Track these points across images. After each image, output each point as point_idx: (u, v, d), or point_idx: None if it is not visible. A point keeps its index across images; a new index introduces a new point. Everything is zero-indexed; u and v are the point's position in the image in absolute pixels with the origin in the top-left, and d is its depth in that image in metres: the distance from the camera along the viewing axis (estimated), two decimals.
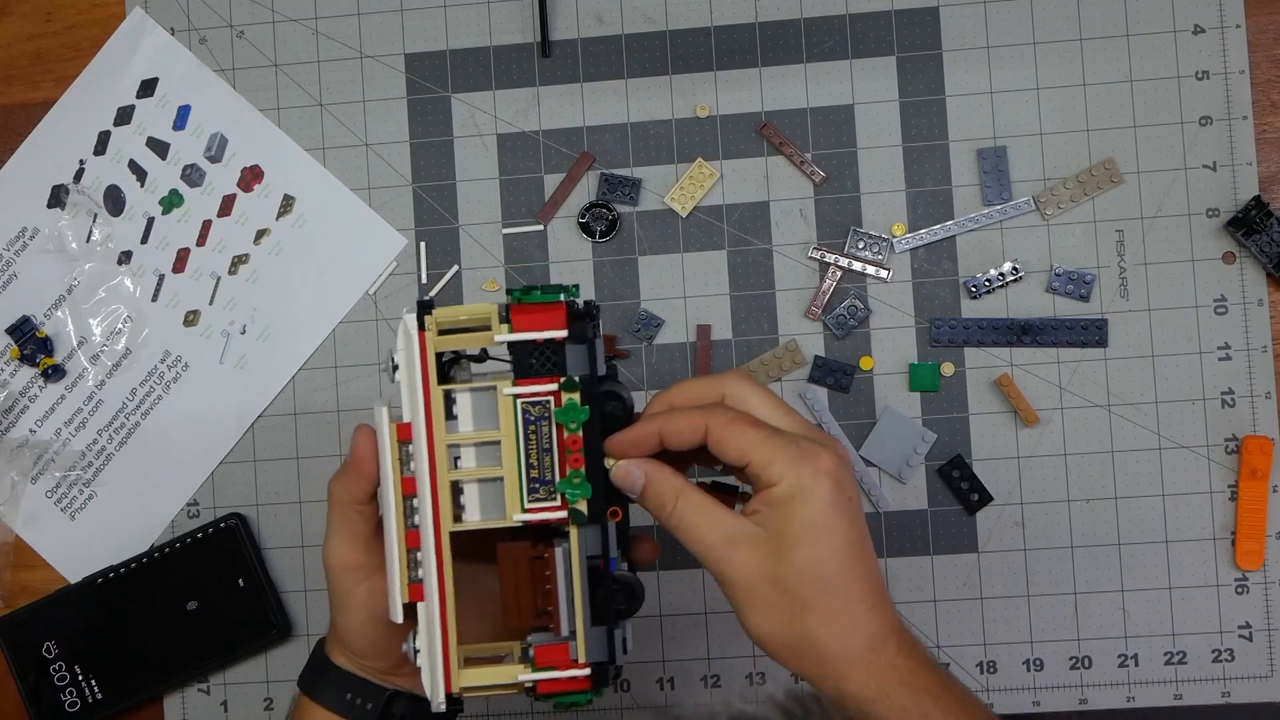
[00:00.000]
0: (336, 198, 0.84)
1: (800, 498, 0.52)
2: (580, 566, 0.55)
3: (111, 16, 0.86)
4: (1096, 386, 0.79)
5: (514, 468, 0.55)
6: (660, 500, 0.55)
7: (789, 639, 0.53)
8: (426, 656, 0.55)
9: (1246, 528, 0.78)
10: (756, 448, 0.53)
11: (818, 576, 0.52)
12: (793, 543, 0.52)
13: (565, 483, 0.55)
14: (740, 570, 0.53)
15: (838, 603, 0.53)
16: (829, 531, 0.52)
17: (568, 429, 0.55)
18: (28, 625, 0.83)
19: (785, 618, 0.53)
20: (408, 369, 0.55)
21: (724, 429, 0.53)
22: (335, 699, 0.61)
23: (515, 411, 0.55)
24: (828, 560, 0.52)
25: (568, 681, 0.55)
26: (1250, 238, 0.78)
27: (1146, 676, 0.79)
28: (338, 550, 0.59)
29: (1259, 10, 0.80)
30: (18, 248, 0.86)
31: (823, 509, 0.52)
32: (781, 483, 0.52)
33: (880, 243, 0.80)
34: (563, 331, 0.55)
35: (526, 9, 0.83)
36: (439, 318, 0.55)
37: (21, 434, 0.85)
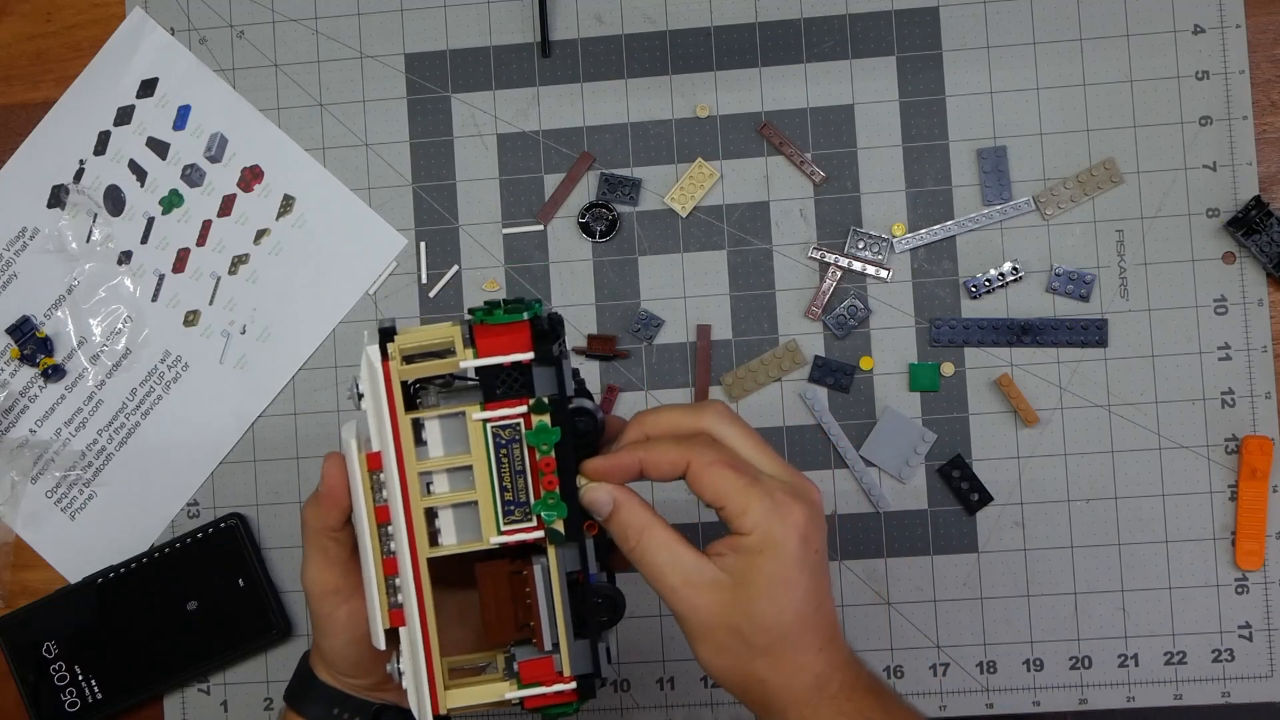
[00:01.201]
0: (336, 198, 0.84)
1: (768, 552, 0.53)
2: (560, 582, 0.55)
3: (111, 16, 0.86)
4: (1096, 386, 0.79)
5: (488, 491, 0.55)
6: (624, 532, 0.55)
7: (737, 678, 0.55)
8: (411, 679, 0.55)
9: (1246, 528, 0.78)
10: (734, 494, 0.53)
11: (772, 627, 0.54)
12: (755, 595, 0.53)
13: (541, 504, 0.55)
14: (699, 613, 0.54)
15: (787, 650, 0.54)
16: (790, 586, 0.54)
17: (540, 451, 0.54)
18: (28, 625, 0.83)
19: (735, 659, 0.54)
20: (374, 399, 0.55)
21: (704, 470, 0.54)
22: (321, 713, 0.61)
23: (485, 436, 0.54)
24: (784, 613, 0.54)
25: (554, 695, 0.55)
26: (1250, 238, 0.78)
27: (1146, 676, 0.79)
28: (315, 574, 0.59)
29: (1259, 10, 0.80)
30: (18, 248, 0.86)
31: (788, 564, 0.53)
32: (753, 534, 0.53)
33: (880, 243, 0.80)
34: (529, 354, 0.54)
35: (526, 9, 0.83)
36: (402, 344, 0.55)
37: (21, 434, 0.85)
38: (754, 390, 0.81)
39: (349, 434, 0.56)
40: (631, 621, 0.81)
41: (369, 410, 0.55)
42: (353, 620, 0.59)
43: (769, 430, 0.81)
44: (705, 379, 0.81)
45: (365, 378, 0.55)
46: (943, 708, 0.80)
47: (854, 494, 0.80)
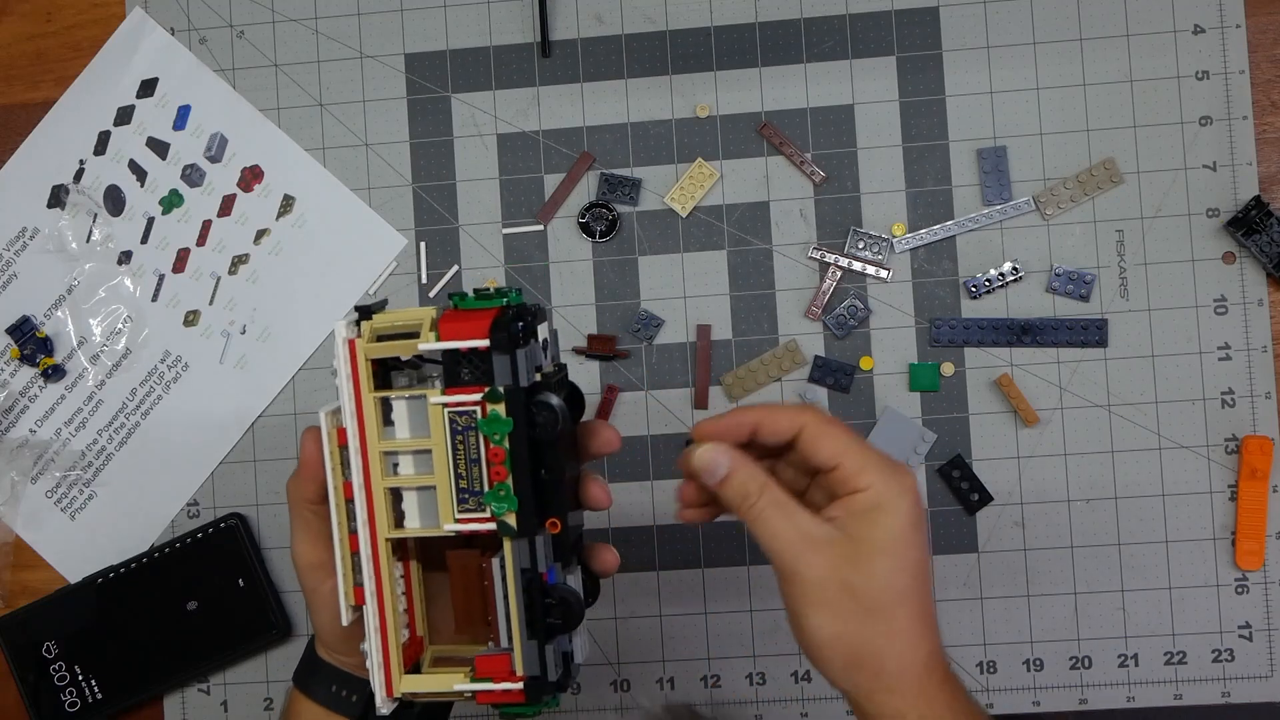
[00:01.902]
0: (336, 198, 0.84)
1: (886, 508, 0.53)
2: (515, 579, 0.54)
3: (111, 16, 0.86)
4: (1096, 386, 0.79)
5: (445, 477, 0.54)
6: (745, 491, 0.54)
7: (849, 645, 0.53)
8: (372, 663, 0.55)
9: (1246, 528, 0.78)
10: (852, 452, 0.53)
11: (891, 587, 0.52)
12: (873, 550, 0.52)
13: (491, 494, 0.53)
14: (814, 570, 0.52)
15: (904, 617, 0.53)
16: (909, 546, 0.53)
17: (492, 441, 0.53)
18: (28, 625, 0.83)
19: (849, 624, 0.52)
20: (343, 378, 0.54)
21: (820, 427, 0.54)
22: (323, 692, 0.62)
23: (444, 421, 0.54)
24: (901, 573, 0.53)
25: (503, 694, 0.54)
26: (1250, 238, 0.77)
27: (1146, 676, 0.79)
28: (300, 548, 0.59)
29: (1259, 10, 0.80)
30: (18, 248, 0.86)
31: (906, 523, 0.53)
32: (869, 490, 0.53)
33: (880, 243, 0.80)
34: (484, 341, 0.52)
35: (526, 9, 0.83)
36: (377, 323, 0.55)
37: (21, 434, 0.85)
38: (754, 390, 0.81)
39: (325, 410, 0.56)
40: (632, 621, 0.81)
41: (339, 386, 0.55)
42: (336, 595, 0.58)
43: None
44: (705, 379, 0.81)
45: (336, 354, 0.55)
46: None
47: None
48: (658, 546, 0.81)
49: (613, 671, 0.82)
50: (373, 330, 0.55)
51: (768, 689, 0.81)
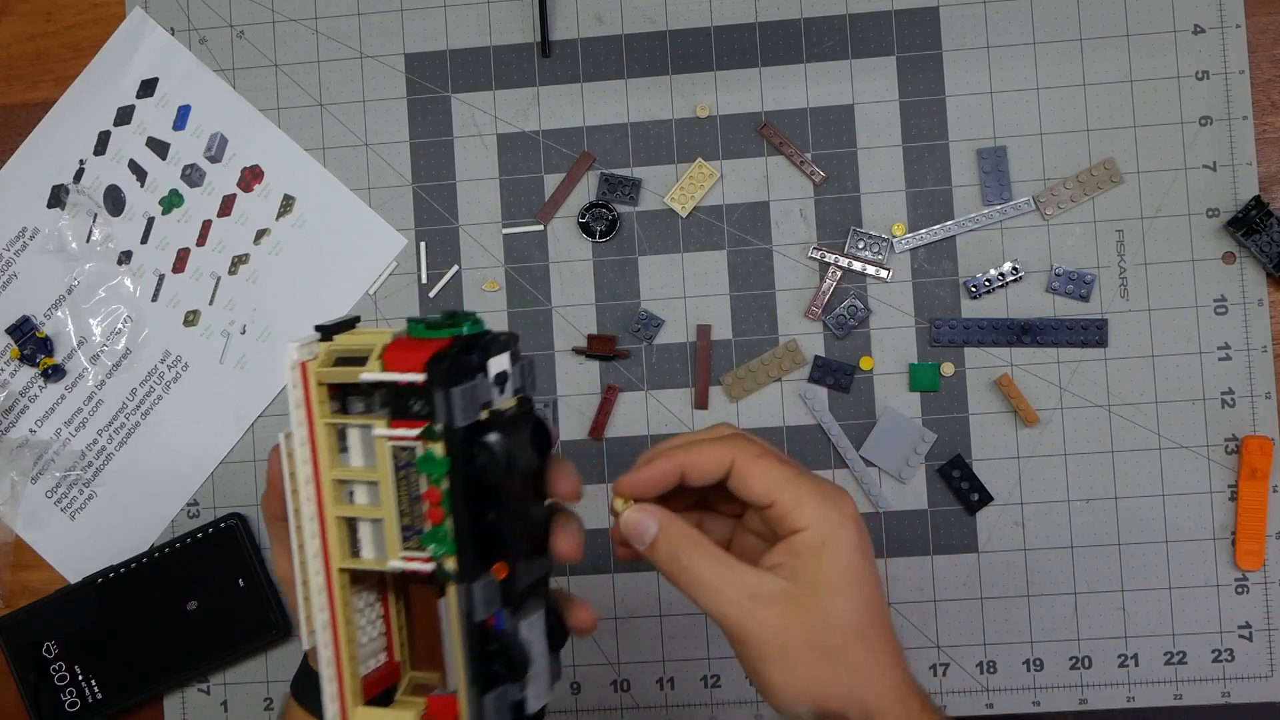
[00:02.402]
0: (336, 198, 0.84)
1: (830, 544, 0.50)
2: (459, 624, 0.50)
3: (111, 16, 0.86)
4: (1096, 386, 0.79)
5: (391, 512, 0.51)
6: (674, 553, 0.51)
7: (817, 695, 0.51)
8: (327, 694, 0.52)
9: (1246, 528, 0.78)
10: (787, 486, 0.51)
11: (852, 625, 0.51)
12: (827, 593, 0.50)
13: (429, 535, 0.50)
14: (766, 628, 0.50)
15: (867, 652, 0.51)
16: (861, 580, 0.51)
17: (430, 480, 0.49)
18: (28, 625, 0.83)
19: (814, 673, 0.50)
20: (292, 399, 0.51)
21: (752, 463, 0.51)
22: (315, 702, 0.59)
23: (389, 454, 0.50)
24: (858, 608, 0.51)
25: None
26: (1250, 238, 0.78)
27: (1146, 676, 0.79)
28: (280, 563, 0.58)
29: (1259, 10, 0.80)
30: (18, 248, 0.86)
31: (853, 557, 0.51)
32: (810, 529, 0.50)
33: (880, 243, 0.80)
34: (419, 375, 0.48)
35: (526, 9, 0.83)
36: (337, 345, 0.51)
37: (21, 434, 0.85)
38: (754, 390, 0.81)
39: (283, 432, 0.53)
40: (632, 621, 0.81)
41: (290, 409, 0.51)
42: None
43: (769, 430, 0.81)
44: (705, 379, 0.81)
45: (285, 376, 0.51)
46: (943, 708, 0.80)
47: (854, 494, 0.80)
48: None
49: (613, 671, 0.82)
50: (330, 353, 0.51)
51: None
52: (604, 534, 0.81)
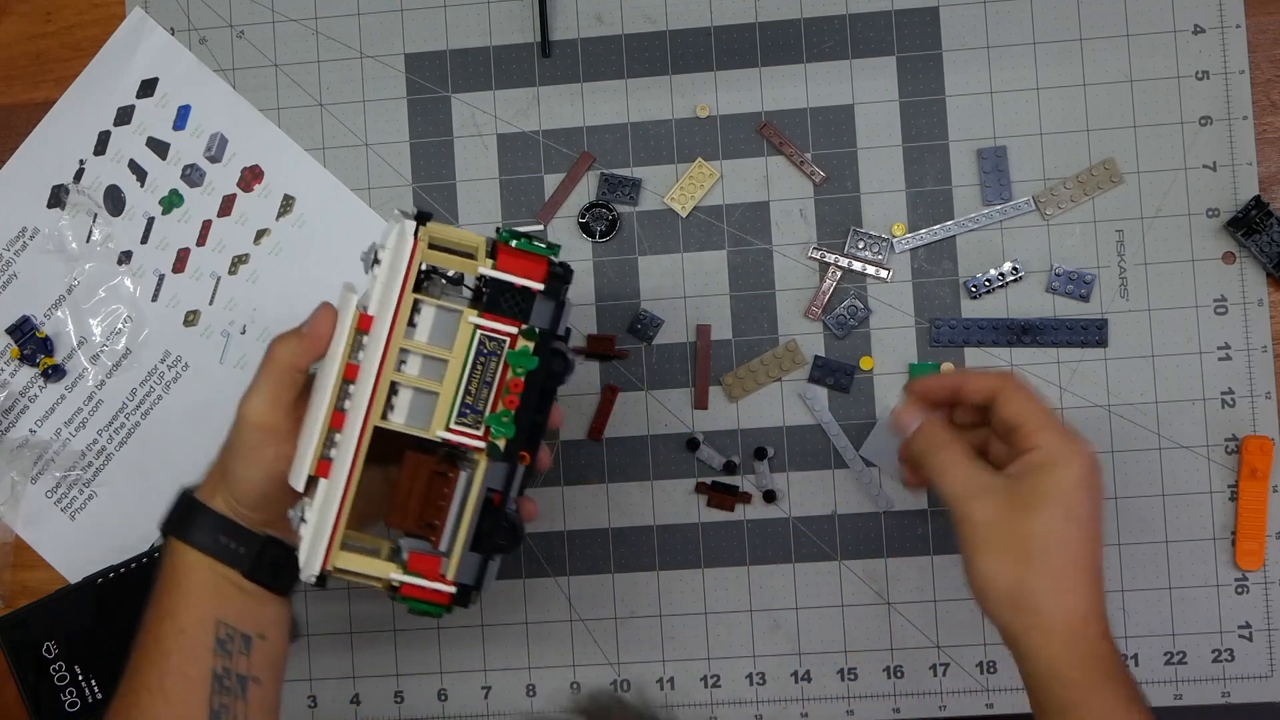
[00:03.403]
0: (336, 198, 0.84)
1: (1056, 465, 0.59)
2: (479, 495, 0.59)
3: (111, 16, 0.86)
4: (1096, 386, 0.79)
5: (452, 389, 0.59)
6: (931, 443, 0.63)
7: (1008, 584, 0.58)
8: (312, 530, 0.57)
9: (1246, 528, 0.78)
10: (1035, 414, 0.60)
11: (1052, 533, 0.58)
12: (1038, 499, 0.58)
13: (495, 418, 0.59)
14: (981, 514, 0.59)
15: (1063, 566, 0.58)
16: (1075, 500, 0.58)
17: (513, 371, 0.59)
18: (28, 625, 0.83)
19: (1013, 566, 0.58)
20: (389, 269, 0.58)
21: (1014, 393, 0.62)
22: (209, 541, 0.62)
23: (472, 339, 0.58)
24: (1068, 522, 0.58)
25: (431, 592, 0.59)
26: (1250, 238, 0.78)
27: (1146, 676, 0.79)
28: (261, 408, 0.60)
29: (1259, 10, 0.80)
30: (18, 248, 0.86)
31: (1074, 481, 0.59)
32: (1040, 449, 0.59)
33: (880, 243, 0.80)
34: (539, 285, 0.59)
35: (526, 9, 0.83)
36: (432, 232, 0.58)
37: (21, 434, 0.85)
38: (754, 390, 0.81)
39: (350, 291, 0.59)
40: (632, 621, 0.81)
41: (380, 277, 0.58)
42: (277, 460, 0.60)
43: (769, 430, 0.81)
44: (705, 379, 0.81)
45: (390, 246, 0.58)
46: (942, 708, 0.80)
47: (854, 494, 0.80)
48: (658, 546, 0.81)
49: (613, 671, 0.82)
50: (428, 236, 0.58)
51: (768, 689, 0.81)
52: (602, 534, 0.81)
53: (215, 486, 0.63)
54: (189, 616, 0.61)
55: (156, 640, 0.61)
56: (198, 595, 0.61)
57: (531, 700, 0.82)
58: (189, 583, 0.62)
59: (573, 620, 0.82)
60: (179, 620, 0.61)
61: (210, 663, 0.60)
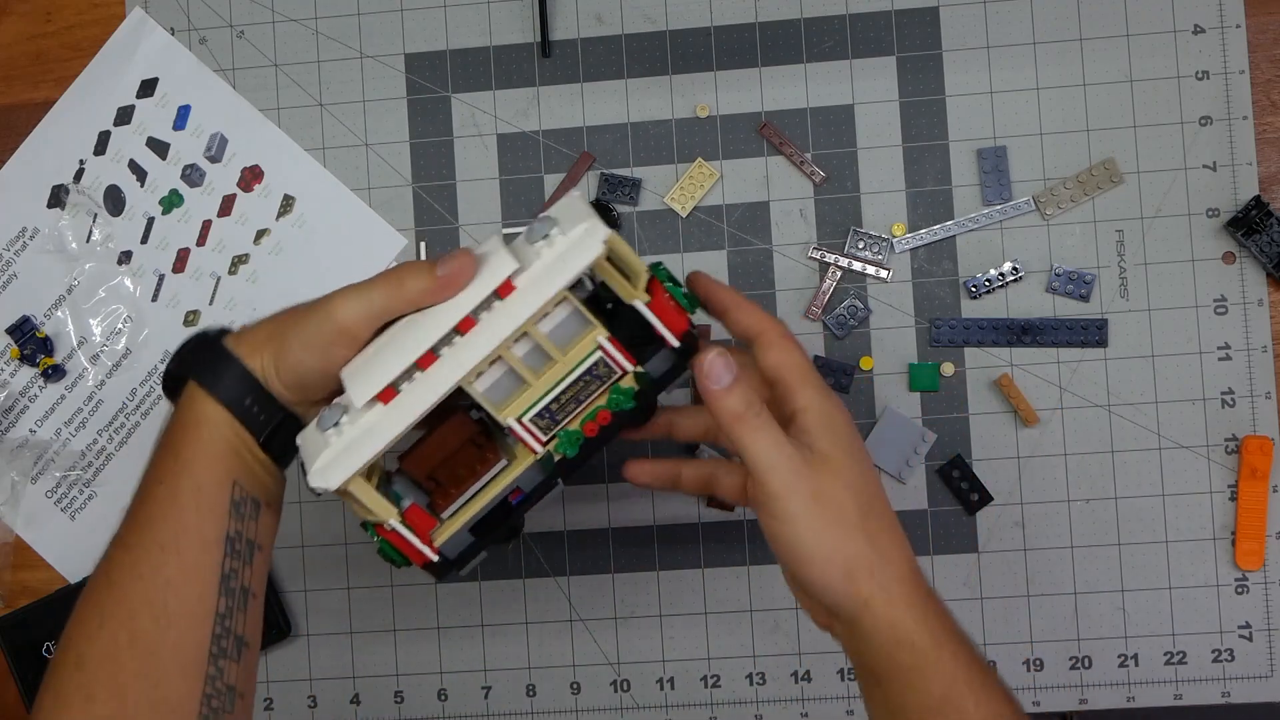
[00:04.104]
0: (336, 198, 0.84)
1: (833, 421, 0.57)
2: (505, 487, 0.59)
3: (111, 16, 0.86)
4: (1096, 386, 0.79)
5: (544, 388, 0.58)
6: (748, 401, 0.57)
7: (846, 559, 0.56)
8: (344, 444, 0.56)
9: (1246, 528, 0.78)
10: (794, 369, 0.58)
11: (863, 494, 0.57)
12: (839, 463, 0.56)
13: (568, 435, 0.59)
14: (797, 486, 0.56)
15: (881, 525, 0.57)
16: (860, 454, 0.58)
17: (609, 402, 0.58)
18: (28, 625, 0.83)
19: (842, 538, 0.56)
20: (560, 259, 0.55)
21: (777, 341, 0.59)
22: (236, 399, 0.58)
23: (588, 355, 0.57)
24: (867, 481, 0.57)
25: (411, 548, 0.58)
26: (1250, 238, 0.77)
27: (1146, 676, 0.79)
28: (357, 314, 0.57)
29: (1259, 10, 0.80)
30: (18, 248, 0.86)
31: (851, 432, 0.58)
32: (811, 408, 0.57)
33: (880, 243, 0.80)
34: (677, 343, 0.58)
35: (526, 9, 0.83)
36: (613, 244, 0.56)
37: (21, 434, 0.85)
38: None
39: (504, 249, 0.57)
40: (632, 621, 0.81)
41: (544, 258, 0.55)
42: (340, 360, 0.57)
43: None
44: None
45: (573, 239, 0.55)
46: None
47: None
48: (658, 546, 0.81)
49: (613, 671, 0.82)
50: (610, 247, 0.56)
51: (768, 689, 0.81)
52: (602, 534, 0.81)
53: (258, 349, 0.59)
54: (208, 474, 0.57)
55: (173, 495, 0.57)
56: (219, 452, 0.58)
57: (531, 700, 0.82)
58: (211, 438, 0.58)
59: (573, 620, 0.82)
60: (198, 476, 0.57)
61: (225, 525, 0.57)
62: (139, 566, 0.57)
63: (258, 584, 0.59)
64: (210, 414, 0.58)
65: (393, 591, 0.83)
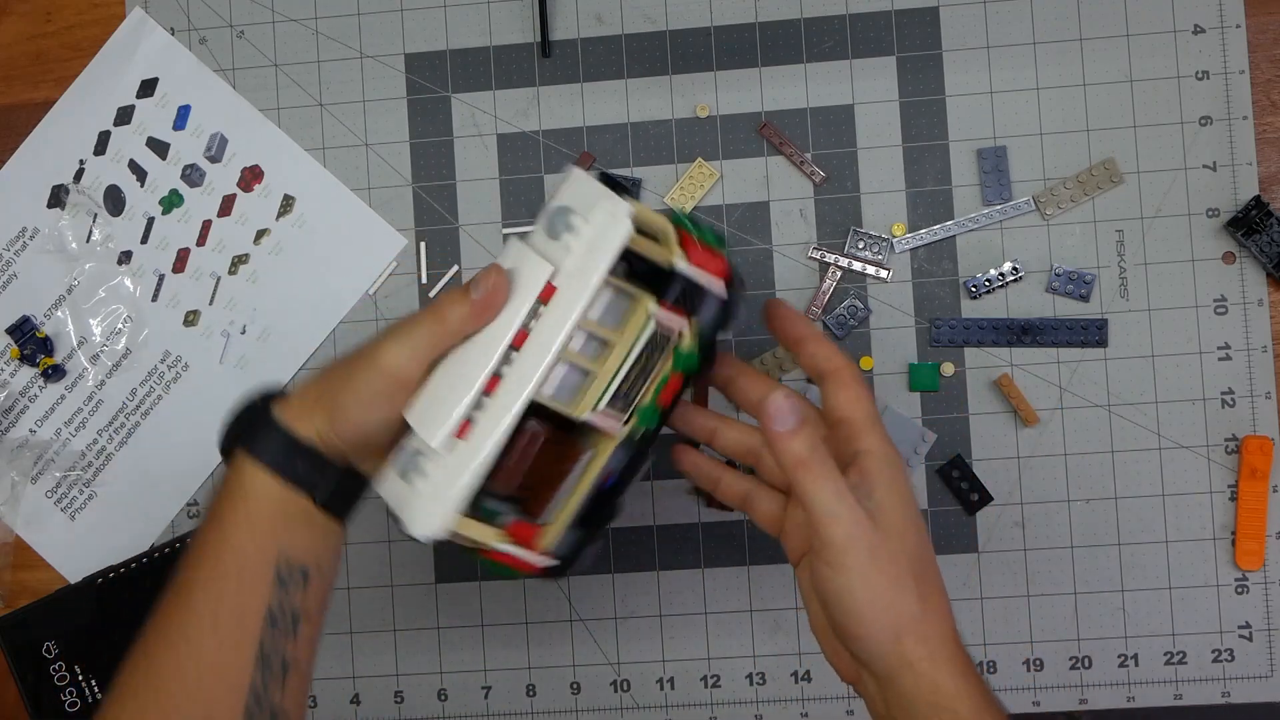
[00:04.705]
0: (336, 198, 0.84)
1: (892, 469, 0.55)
2: (598, 474, 0.57)
3: (111, 16, 0.86)
4: (1096, 386, 0.79)
5: (610, 372, 0.56)
6: (812, 445, 0.55)
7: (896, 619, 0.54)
8: (433, 487, 0.54)
9: (1246, 528, 0.78)
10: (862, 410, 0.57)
11: (917, 553, 0.55)
12: (896, 517, 0.54)
13: (646, 410, 0.57)
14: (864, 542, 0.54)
15: (931, 587, 0.56)
16: (916, 511, 0.56)
17: (675, 365, 0.56)
18: (28, 625, 0.83)
19: (895, 596, 0.54)
20: (591, 248, 0.53)
21: (848, 384, 0.57)
22: (286, 465, 0.57)
23: (644, 327, 0.55)
24: (921, 539, 0.56)
25: (524, 561, 0.56)
26: (1250, 238, 0.78)
27: (1146, 676, 0.79)
28: (405, 361, 0.55)
29: (1259, 10, 0.80)
30: (18, 248, 0.86)
31: (908, 488, 0.56)
32: (875, 451, 0.55)
33: (880, 243, 0.80)
34: (724, 289, 0.56)
35: (526, 9, 0.83)
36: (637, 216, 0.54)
37: (21, 434, 0.85)
38: None
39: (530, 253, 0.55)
40: (632, 621, 0.81)
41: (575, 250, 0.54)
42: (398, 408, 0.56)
43: None
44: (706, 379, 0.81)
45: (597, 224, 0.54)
46: None
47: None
48: (658, 546, 0.81)
49: (613, 671, 0.82)
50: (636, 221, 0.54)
51: (768, 689, 0.81)
52: (605, 535, 0.81)
53: (309, 413, 0.57)
54: (253, 545, 0.56)
55: (215, 564, 0.56)
56: (265, 522, 0.57)
57: (531, 700, 0.82)
58: (258, 507, 0.57)
59: (573, 620, 0.82)
60: (242, 548, 0.56)
61: (267, 598, 0.56)
62: (172, 637, 0.56)
63: (303, 655, 0.58)
64: (259, 484, 0.57)
65: (393, 591, 0.83)
